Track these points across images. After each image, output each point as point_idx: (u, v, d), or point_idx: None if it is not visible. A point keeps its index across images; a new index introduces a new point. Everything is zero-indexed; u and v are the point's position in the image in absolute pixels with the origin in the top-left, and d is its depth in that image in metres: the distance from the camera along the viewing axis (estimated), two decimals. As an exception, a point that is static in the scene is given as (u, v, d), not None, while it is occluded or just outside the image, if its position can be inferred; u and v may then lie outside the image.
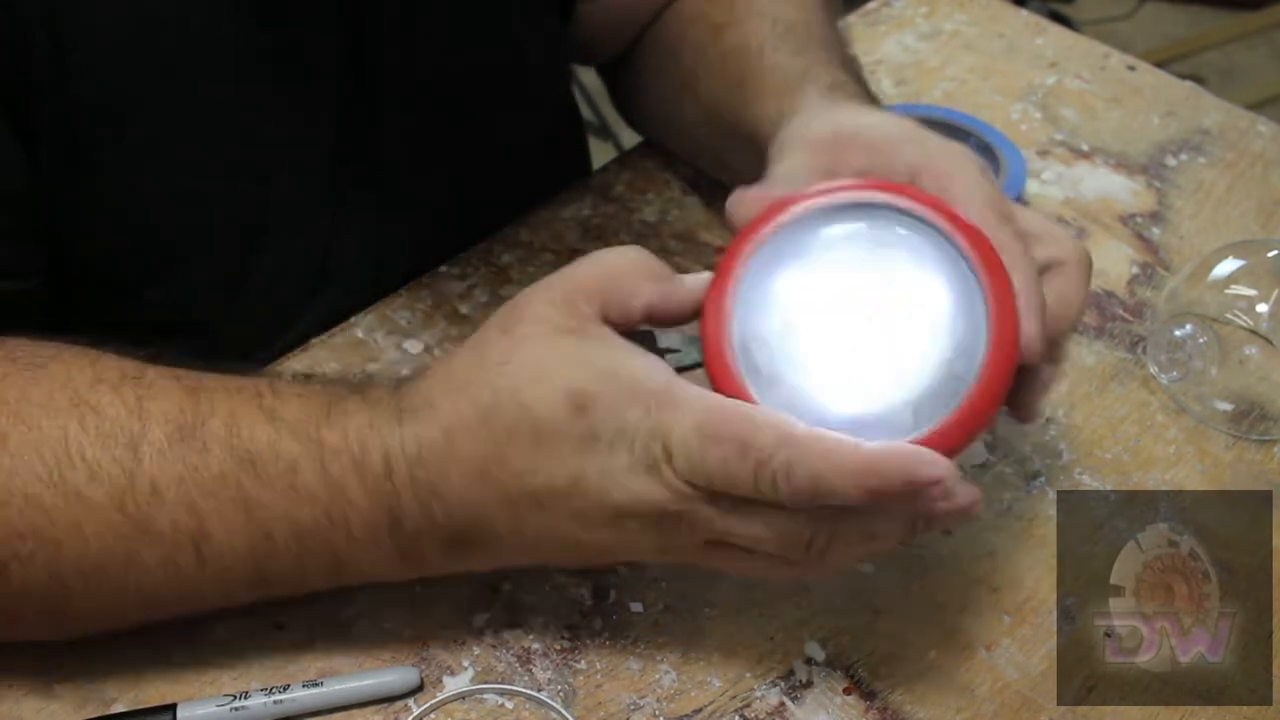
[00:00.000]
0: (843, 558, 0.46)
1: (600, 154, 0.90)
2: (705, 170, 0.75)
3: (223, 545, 0.47)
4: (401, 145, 0.67)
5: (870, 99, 0.61)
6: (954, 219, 0.47)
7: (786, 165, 0.52)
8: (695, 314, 0.48)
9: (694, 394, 0.44)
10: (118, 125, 0.56)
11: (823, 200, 0.48)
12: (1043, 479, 0.61)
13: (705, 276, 0.48)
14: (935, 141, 0.52)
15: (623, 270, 0.47)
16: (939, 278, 0.46)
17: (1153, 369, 0.66)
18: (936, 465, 0.43)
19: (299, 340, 0.65)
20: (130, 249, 0.60)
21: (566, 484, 0.45)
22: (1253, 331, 0.62)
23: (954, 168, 0.50)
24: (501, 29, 0.70)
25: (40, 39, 0.52)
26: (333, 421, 0.47)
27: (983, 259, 0.46)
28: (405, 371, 0.63)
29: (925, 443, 0.44)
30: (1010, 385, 0.46)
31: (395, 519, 0.47)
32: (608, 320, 0.46)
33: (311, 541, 0.47)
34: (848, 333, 0.46)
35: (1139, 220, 0.76)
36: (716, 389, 0.46)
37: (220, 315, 0.63)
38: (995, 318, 0.45)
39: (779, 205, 0.48)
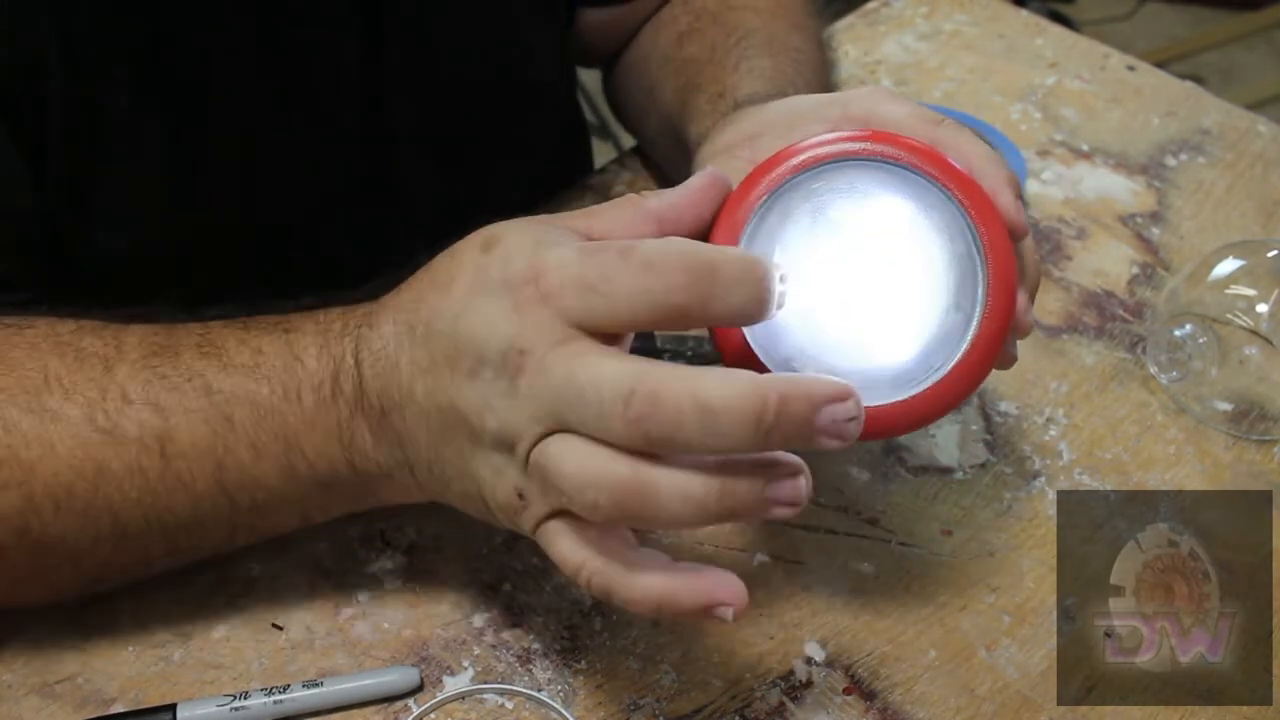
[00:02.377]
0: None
1: (600, 154, 0.90)
2: (674, 179, 0.74)
3: (185, 442, 0.47)
4: (410, 146, 0.67)
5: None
6: (946, 167, 0.47)
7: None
8: (703, 212, 0.47)
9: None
10: (127, 139, 0.56)
11: (818, 152, 0.48)
12: (1043, 479, 0.61)
13: (707, 172, 0.47)
14: (843, 95, 0.52)
15: (619, 197, 0.48)
16: (935, 226, 0.47)
17: (1153, 369, 0.66)
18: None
19: None
20: (136, 260, 0.60)
21: (449, 324, 0.44)
22: (1253, 331, 0.62)
23: (871, 104, 0.51)
24: (510, 31, 0.70)
25: (55, 56, 0.52)
26: (307, 314, 0.49)
27: (975, 204, 0.47)
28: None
29: (934, 390, 0.45)
30: (1008, 330, 0.47)
31: (337, 382, 0.47)
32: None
33: (268, 421, 0.47)
34: (850, 287, 0.46)
35: (1139, 220, 0.76)
36: (718, 346, 0.46)
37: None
38: (992, 262, 0.46)
39: (777, 159, 0.48)
